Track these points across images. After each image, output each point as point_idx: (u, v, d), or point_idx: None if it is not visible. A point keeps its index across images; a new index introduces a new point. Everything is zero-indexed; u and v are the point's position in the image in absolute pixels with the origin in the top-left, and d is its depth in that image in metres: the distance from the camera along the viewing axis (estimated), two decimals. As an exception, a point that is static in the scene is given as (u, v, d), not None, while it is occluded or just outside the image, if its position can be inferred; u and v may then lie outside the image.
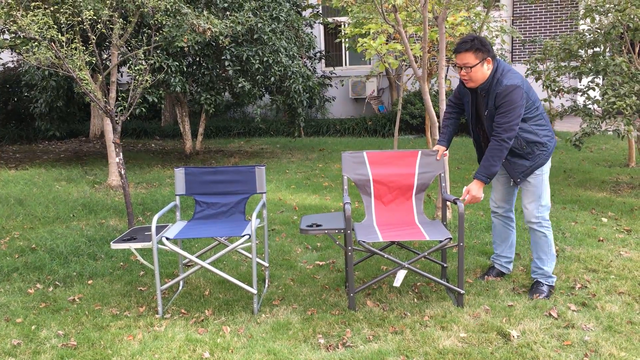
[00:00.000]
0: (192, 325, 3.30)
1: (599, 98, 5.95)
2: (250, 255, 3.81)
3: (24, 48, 6.01)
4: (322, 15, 11.47)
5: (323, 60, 12.89)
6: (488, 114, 3.46)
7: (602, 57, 5.98)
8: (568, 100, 7.98)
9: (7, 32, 7.28)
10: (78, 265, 4.29)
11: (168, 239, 3.43)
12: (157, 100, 7.47)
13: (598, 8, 6.08)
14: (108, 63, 7.44)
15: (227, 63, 7.86)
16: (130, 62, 6.60)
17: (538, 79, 6.60)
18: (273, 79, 8.18)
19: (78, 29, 6.23)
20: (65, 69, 4.74)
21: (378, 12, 5.74)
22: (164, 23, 6.40)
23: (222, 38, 7.13)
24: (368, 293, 3.69)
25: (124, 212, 5.75)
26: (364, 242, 3.32)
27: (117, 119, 4.97)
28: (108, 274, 4.16)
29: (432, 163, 3.76)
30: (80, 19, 5.50)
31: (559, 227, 4.93)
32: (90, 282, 4.02)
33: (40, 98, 8.57)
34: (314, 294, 3.69)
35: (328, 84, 11.78)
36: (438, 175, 3.80)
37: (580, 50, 6.37)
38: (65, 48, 4.75)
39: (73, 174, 7.80)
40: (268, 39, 7.94)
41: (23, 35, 5.30)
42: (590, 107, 6.44)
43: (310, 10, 11.28)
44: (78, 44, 4.96)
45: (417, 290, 3.71)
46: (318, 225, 3.55)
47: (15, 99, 11.69)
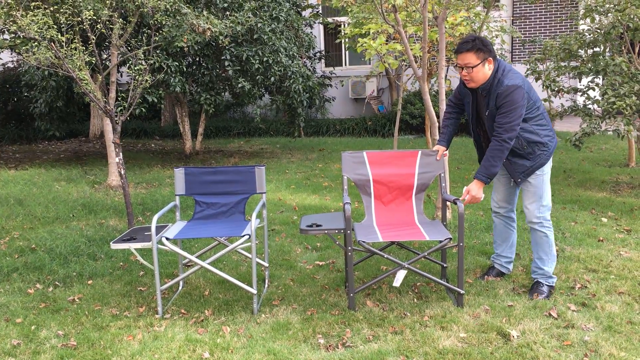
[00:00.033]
0: (192, 326, 3.30)
1: (599, 98, 5.95)
2: (250, 256, 3.81)
3: (24, 48, 6.01)
4: (322, 15, 11.46)
5: (323, 60, 12.89)
6: (489, 114, 3.45)
7: (602, 57, 5.98)
8: (568, 100, 7.97)
9: (7, 32, 7.28)
10: (78, 266, 4.29)
11: (168, 239, 3.43)
12: (156, 101, 7.47)
13: (598, 8, 6.08)
14: (108, 63, 7.44)
15: (227, 63, 7.86)
16: (130, 62, 6.60)
17: (538, 79, 6.60)
18: (273, 79, 8.18)
19: (78, 29, 6.23)
20: (65, 69, 4.73)
21: (378, 12, 5.74)
22: (164, 23, 6.40)
23: (222, 38, 7.13)
24: (368, 293, 3.69)
25: (124, 212, 5.75)
26: (364, 242, 3.31)
27: (116, 119, 4.97)
28: (108, 274, 4.15)
29: (432, 163, 3.76)
30: (80, 19, 5.50)
31: (559, 227, 4.93)
32: (90, 282, 4.02)
33: (40, 98, 8.56)
34: (314, 294, 3.69)
35: (328, 84, 11.77)
36: (438, 176, 3.80)
37: (580, 50, 6.37)
38: (65, 48, 4.75)
39: (73, 174, 7.80)
40: (268, 39, 7.94)
41: (23, 35, 5.30)
42: (590, 107, 6.44)
43: (310, 10, 11.27)
44: (78, 44, 4.95)
45: (417, 291, 3.70)
46: (318, 226, 3.54)
47: (15, 99, 11.69)
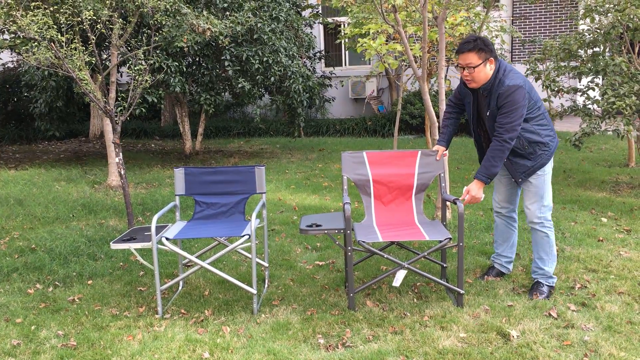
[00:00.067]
0: (191, 326, 3.30)
1: (599, 98, 5.95)
2: (250, 256, 3.81)
3: (24, 48, 6.01)
4: (321, 15, 11.46)
5: (323, 60, 12.89)
6: (490, 115, 3.45)
7: (601, 57, 5.98)
8: (568, 100, 7.98)
9: (6, 32, 7.28)
10: (78, 266, 4.29)
11: (168, 239, 3.43)
12: (156, 101, 7.47)
13: (598, 8, 6.08)
14: (108, 63, 7.44)
15: (226, 63, 7.86)
16: (130, 62, 6.60)
17: (538, 79, 6.60)
18: (273, 79, 8.18)
19: (78, 29, 6.23)
20: (65, 69, 4.74)
21: (378, 12, 5.74)
22: (164, 23, 6.40)
23: (221, 38, 7.13)
24: (368, 293, 3.69)
25: (124, 212, 5.75)
26: (364, 242, 3.32)
27: (116, 119, 4.97)
28: (108, 274, 4.16)
29: (431, 163, 3.76)
30: (80, 19, 5.50)
31: (559, 227, 4.93)
32: (90, 282, 4.02)
33: (40, 98, 8.56)
34: (314, 294, 3.69)
35: (328, 84, 11.77)
36: (438, 176, 3.80)
37: (580, 50, 6.37)
38: (65, 48, 4.75)
39: (73, 174, 7.80)
40: (268, 39, 7.94)
41: (23, 36, 5.30)
42: (590, 107, 6.44)
43: (310, 10, 11.27)
44: (78, 44, 4.96)
45: (416, 291, 3.71)
46: (318, 226, 3.55)
47: (15, 99, 11.69)
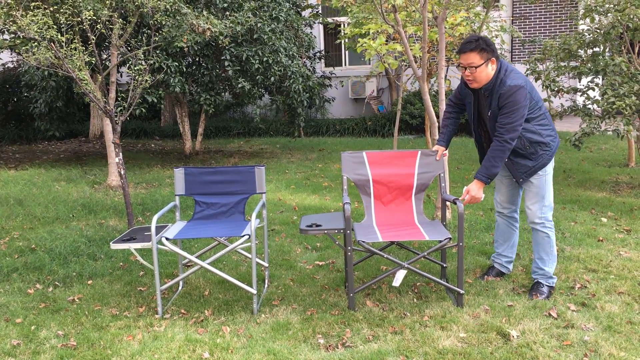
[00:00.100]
0: (191, 326, 3.30)
1: (599, 98, 5.95)
2: (250, 256, 3.81)
3: (24, 48, 6.01)
4: (321, 15, 11.46)
5: (323, 60, 12.89)
6: (491, 115, 3.44)
7: (601, 57, 5.98)
8: (568, 100, 7.97)
9: (6, 32, 7.28)
10: (78, 266, 4.29)
11: (168, 239, 3.43)
12: (156, 101, 7.47)
13: (598, 8, 6.08)
14: (107, 63, 7.44)
15: (226, 63, 7.86)
16: (130, 62, 6.60)
17: (538, 79, 6.60)
18: (273, 79, 8.18)
19: (78, 29, 6.23)
20: (65, 69, 4.74)
21: (378, 12, 5.74)
22: (164, 23, 6.40)
23: (221, 38, 7.13)
24: (368, 293, 3.69)
25: (124, 212, 5.75)
26: (364, 242, 3.32)
27: (116, 119, 4.97)
28: (108, 274, 4.16)
29: (431, 163, 3.76)
30: (80, 19, 5.50)
31: (559, 227, 4.93)
32: (90, 282, 4.02)
33: (40, 98, 8.56)
34: (314, 294, 3.69)
35: (328, 84, 11.77)
36: (437, 176, 3.80)
37: (580, 50, 6.37)
38: (65, 48, 4.75)
39: (73, 174, 7.80)
40: (268, 39, 7.94)
41: (23, 36, 5.30)
42: (590, 107, 6.44)
43: (310, 10, 11.27)
44: (77, 44, 4.95)
45: (416, 290, 3.71)
46: (318, 226, 3.55)
47: (15, 99, 11.69)
